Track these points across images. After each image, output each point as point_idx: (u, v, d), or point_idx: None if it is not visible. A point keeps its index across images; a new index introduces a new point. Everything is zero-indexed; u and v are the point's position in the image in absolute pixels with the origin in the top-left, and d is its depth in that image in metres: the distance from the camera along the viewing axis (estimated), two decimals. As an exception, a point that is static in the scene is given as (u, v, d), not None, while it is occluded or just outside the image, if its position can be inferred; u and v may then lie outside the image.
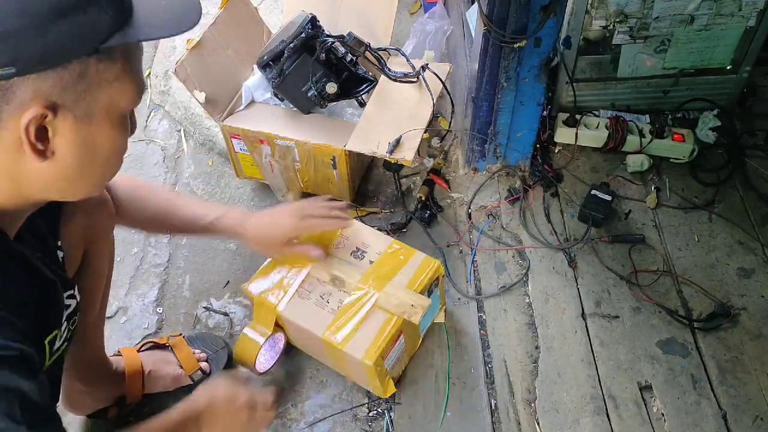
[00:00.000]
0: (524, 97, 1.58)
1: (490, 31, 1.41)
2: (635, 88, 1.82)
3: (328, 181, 1.68)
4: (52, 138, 0.71)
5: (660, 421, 1.35)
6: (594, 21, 1.65)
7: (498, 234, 1.68)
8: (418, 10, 2.32)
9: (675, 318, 1.49)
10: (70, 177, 0.77)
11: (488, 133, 1.68)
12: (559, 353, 1.45)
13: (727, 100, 1.86)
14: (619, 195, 1.72)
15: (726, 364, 1.42)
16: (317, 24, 1.58)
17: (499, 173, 1.79)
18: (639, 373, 1.41)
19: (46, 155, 0.72)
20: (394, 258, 1.38)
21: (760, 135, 1.86)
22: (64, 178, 0.76)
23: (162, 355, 1.43)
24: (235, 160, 1.73)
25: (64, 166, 0.74)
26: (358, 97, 1.63)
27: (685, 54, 1.73)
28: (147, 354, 1.43)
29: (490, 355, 1.47)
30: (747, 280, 1.56)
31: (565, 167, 1.80)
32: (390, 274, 1.34)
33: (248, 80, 1.68)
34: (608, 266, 1.59)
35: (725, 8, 1.62)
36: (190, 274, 1.66)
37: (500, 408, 1.39)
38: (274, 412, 1.13)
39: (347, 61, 1.59)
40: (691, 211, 1.70)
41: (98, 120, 0.74)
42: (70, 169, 0.75)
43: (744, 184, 1.75)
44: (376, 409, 1.41)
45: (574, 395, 1.39)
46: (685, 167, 1.79)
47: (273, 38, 1.64)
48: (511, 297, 1.56)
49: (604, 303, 1.53)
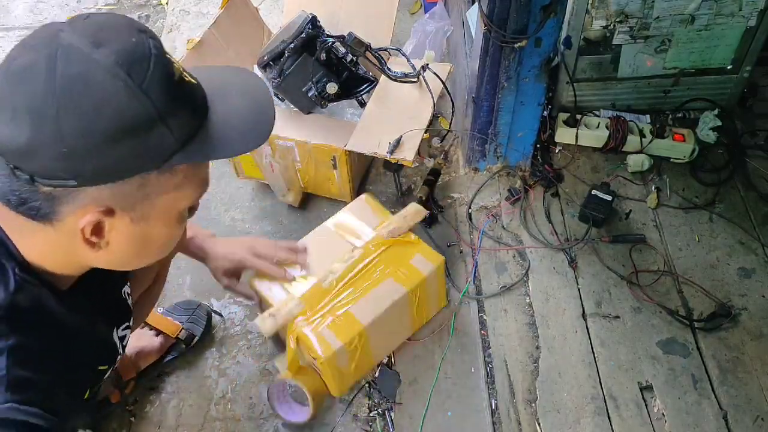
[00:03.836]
0: (525, 97, 1.58)
1: (490, 31, 1.41)
2: (636, 88, 1.82)
3: (328, 181, 1.68)
4: (107, 233, 0.73)
5: (660, 421, 1.35)
6: (594, 21, 1.65)
7: (498, 234, 1.68)
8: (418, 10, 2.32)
9: (675, 318, 1.48)
10: (122, 262, 0.80)
11: (488, 133, 1.68)
12: (560, 353, 1.45)
13: (728, 99, 1.86)
14: (619, 195, 1.72)
15: (726, 364, 1.41)
16: (317, 24, 1.58)
17: (499, 173, 1.79)
18: (639, 373, 1.41)
19: (100, 247, 0.74)
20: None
21: (761, 135, 1.85)
22: (117, 263, 0.79)
23: (140, 333, 1.45)
24: (236, 160, 1.73)
25: (117, 254, 0.77)
26: (358, 97, 1.63)
27: (686, 54, 1.73)
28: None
29: (491, 355, 1.47)
30: (747, 280, 1.55)
31: (566, 167, 1.80)
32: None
33: (248, 80, 1.68)
34: (609, 266, 1.59)
35: (725, 8, 1.62)
36: (191, 274, 1.66)
37: (501, 408, 1.39)
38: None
39: (347, 61, 1.59)
40: (692, 211, 1.70)
41: (155, 220, 0.75)
42: (124, 256, 0.78)
43: (745, 184, 1.75)
44: (376, 409, 1.41)
45: (575, 395, 1.39)
46: (685, 167, 1.79)
47: (273, 38, 1.64)
48: (512, 297, 1.56)
49: (604, 303, 1.52)
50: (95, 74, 0.63)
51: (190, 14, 2.48)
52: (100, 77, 0.63)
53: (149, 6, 2.60)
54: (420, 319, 1.48)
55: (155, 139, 0.67)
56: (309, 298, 1.32)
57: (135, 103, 0.64)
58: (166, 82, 0.67)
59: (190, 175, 0.74)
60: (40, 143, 0.63)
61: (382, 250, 1.39)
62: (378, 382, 1.44)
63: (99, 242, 0.73)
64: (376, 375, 1.45)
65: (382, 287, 1.34)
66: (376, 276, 1.35)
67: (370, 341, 1.34)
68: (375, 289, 1.34)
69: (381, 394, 1.42)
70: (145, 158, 0.67)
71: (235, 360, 1.51)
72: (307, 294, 1.33)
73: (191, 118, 0.71)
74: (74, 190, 0.66)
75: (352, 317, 1.30)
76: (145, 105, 0.65)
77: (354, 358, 1.33)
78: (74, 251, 0.74)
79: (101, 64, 0.63)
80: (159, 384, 1.47)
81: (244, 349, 1.53)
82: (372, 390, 1.44)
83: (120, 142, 0.64)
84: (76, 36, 0.64)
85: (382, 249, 1.39)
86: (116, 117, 0.64)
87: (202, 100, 0.73)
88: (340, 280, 1.34)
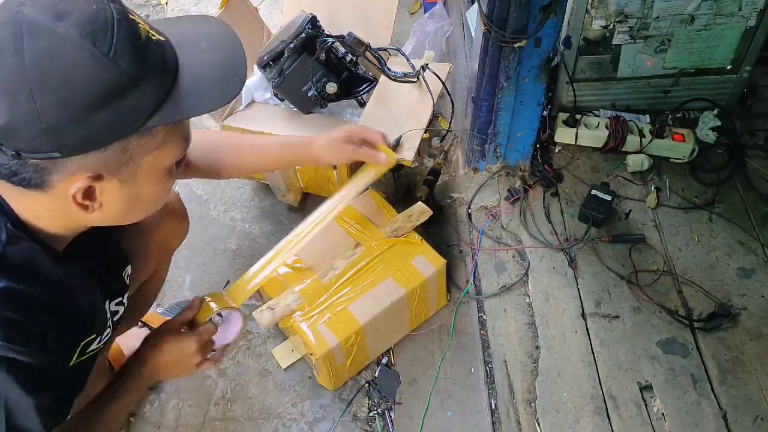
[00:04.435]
0: (524, 97, 1.58)
1: (490, 31, 1.41)
2: (635, 88, 1.82)
3: (328, 181, 1.68)
4: (99, 196, 0.74)
5: (660, 421, 1.35)
6: (594, 21, 1.65)
7: (498, 234, 1.68)
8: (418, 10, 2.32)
9: (675, 318, 1.48)
10: (116, 219, 0.81)
11: (488, 133, 1.68)
12: (560, 353, 1.45)
13: (728, 99, 1.85)
14: (619, 195, 1.72)
15: (726, 364, 1.41)
16: (317, 24, 1.58)
17: (499, 173, 1.79)
18: (639, 373, 1.41)
19: (94, 209, 0.75)
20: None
21: (761, 135, 1.85)
22: (111, 220, 0.81)
23: (139, 333, 1.44)
24: (235, 160, 1.73)
25: (111, 213, 0.78)
26: (358, 97, 1.63)
27: (686, 54, 1.73)
28: (120, 337, 1.44)
29: (491, 355, 1.47)
30: (747, 280, 1.55)
31: (565, 167, 1.80)
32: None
33: (248, 80, 1.68)
34: (608, 266, 1.59)
35: (725, 8, 1.62)
36: (191, 274, 1.66)
37: (500, 408, 1.39)
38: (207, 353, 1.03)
39: (347, 61, 1.59)
40: (692, 211, 1.70)
41: (142, 179, 0.76)
42: (116, 214, 0.79)
43: (744, 184, 1.75)
44: (376, 409, 1.41)
45: (575, 395, 1.39)
46: (685, 167, 1.79)
47: (273, 38, 1.64)
48: (511, 297, 1.56)
49: (604, 303, 1.52)
50: (61, 48, 0.64)
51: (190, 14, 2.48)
52: (66, 51, 0.64)
53: (149, 6, 2.60)
54: (418, 318, 1.49)
55: (130, 104, 0.68)
56: (308, 294, 1.32)
57: (104, 73, 0.65)
58: (133, 45, 0.67)
59: (170, 133, 0.75)
60: (19, 122, 0.65)
61: (384, 249, 1.39)
62: (378, 382, 1.44)
63: (92, 204, 0.74)
64: (376, 375, 1.45)
65: (381, 287, 1.34)
66: (376, 275, 1.36)
67: (366, 339, 1.34)
68: (374, 289, 1.34)
69: (381, 394, 1.43)
70: (123, 123, 0.69)
71: (235, 360, 1.51)
72: (307, 289, 1.33)
73: (163, 79, 0.71)
74: (60, 161, 0.68)
75: (350, 315, 1.30)
76: (115, 72, 0.66)
77: (350, 355, 1.33)
78: (69, 213, 0.75)
79: (66, 38, 0.64)
80: (158, 384, 1.47)
81: (244, 349, 1.53)
82: (372, 390, 1.44)
83: (96, 112, 0.66)
84: (37, 9, 0.64)
85: (384, 248, 1.39)
86: (88, 88, 0.65)
87: (173, 58, 0.73)
88: (341, 277, 1.35)
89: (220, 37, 0.80)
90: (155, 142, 0.73)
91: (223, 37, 0.80)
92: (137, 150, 0.72)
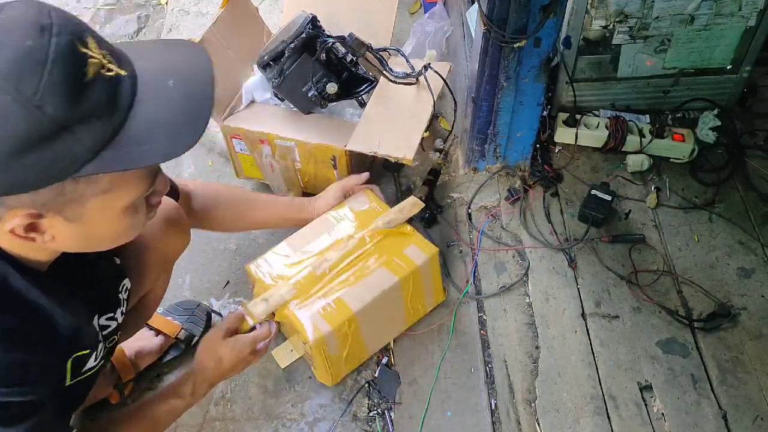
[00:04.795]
0: (524, 97, 1.58)
1: (490, 31, 1.41)
2: (635, 88, 1.82)
3: (328, 181, 1.67)
4: (47, 230, 0.71)
5: (660, 421, 1.35)
6: (594, 21, 1.65)
7: (498, 234, 1.68)
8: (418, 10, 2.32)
9: (675, 318, 1.49)
10: (79, 248, 0.78)
11: (488, 133, 1.68)
12: (560, 353, 1.45)
13: (727, 99, 1.86)
14: (619, 195, 1.72)
15: (726, 364, 1.41)
16: (317, 24, 1.58)
17: (499, 173, 1.79)
18: (639, 373, 1.41)
19: (44, 240, 0.72)
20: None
21: (761, 135, 1.85)
22: (75, 248, 0.78)
23: (139, 333, 1.44)
24: (235, 160, 1.73)
25: (67, 244, 0.75)
26: (358, 97, 1.63)
27: (685, 54, 1.73)
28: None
29: (491, 355, 1.47)
30: (747, 279, 1.55)
31: (565, 167, 1.80)
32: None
33: (248, 80, 1.68)
34: (608, 266, 1.59)
35: (725, 8, 1.62)
36: (191, 274, 1.66)
37: (500, 408, 1.39)
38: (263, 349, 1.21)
39: (348, 61, 1.59)
40: (691, 211, 1.70)
41: (92, 218, 0.72)
42: (75, 245, 0.77)
43: (744, 184, 1.75)
44: (376, 409, 1.41)
45: (575, 395, 1.39)
46: (685, 167, 1.79)
47: (273, 38, 1.64)
48: (511, 297, 1.56)
49: (604, 303, 1.52)
50: None
51: (190, 14, 2.48)
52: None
53: (149, 6, 2.60)
54: (416, 312, 1.49)
55: (60, 150, 0.63)
56: (302, 284, 1.33)
57: (28, 118, 0.60)
58: (68, 87, 0.61)
59: (118, 177, 0.69)
60: None
61: (377, 240, 1.40)
62: (378, 382, 1.44)
63: (41, 237, 0.71)
64: (376, 375, 1.45)
65: (374, 275, 1.35)
66: (369, 265, 1.36)
67: (361, 329, 1.34)
68: (367, 278, 1.35)
69: (381, 394, 1.43)
70: (53, 170, 0.64)
71: (235, 360, 1.51)
72: (301, 280, 1.34)
73: (107, 122, 0.65)
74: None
75: (343, 303, 1.31)
76: (39, 118, 0.61)
77: (345, 345, 1.33)
78: (27, 243, 0.73)
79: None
80: (158, 384, 1.47)
81: (244, 349, 1.53)
82: (372, 390, 1.44)
83: (23, 156, 0.62)
84: None
85: (377, 239, 1.40)
86: (11, 133, 0.60)
87: (127, 97, 0.67)
88: (334, 268, 1.36)
89: (192, 71, 0.72)
90: (99, 186, 0.68)
91: (196, 71, 0.72)
92: (76, 194, 0.68)
